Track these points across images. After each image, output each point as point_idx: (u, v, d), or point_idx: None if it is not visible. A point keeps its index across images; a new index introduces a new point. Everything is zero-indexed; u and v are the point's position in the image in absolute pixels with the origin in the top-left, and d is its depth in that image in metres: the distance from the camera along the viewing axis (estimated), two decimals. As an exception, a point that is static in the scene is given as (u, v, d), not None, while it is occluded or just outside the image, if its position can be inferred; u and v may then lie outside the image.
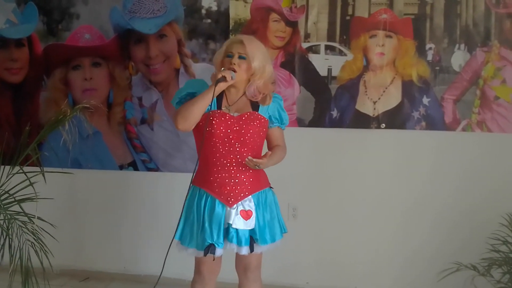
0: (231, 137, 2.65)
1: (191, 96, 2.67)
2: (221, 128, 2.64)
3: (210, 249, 2.61)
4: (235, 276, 2.90)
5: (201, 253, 2.65)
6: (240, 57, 2.65)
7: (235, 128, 2.66)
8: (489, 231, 3.17)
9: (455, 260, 3.20)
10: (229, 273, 2.92)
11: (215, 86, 2.57)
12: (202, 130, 2.66)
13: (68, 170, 3.69)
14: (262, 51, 2.71)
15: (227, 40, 2.77)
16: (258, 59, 2.66)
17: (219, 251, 2.64)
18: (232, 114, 2.68)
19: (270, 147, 2.82)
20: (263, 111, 2.75)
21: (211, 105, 2.68)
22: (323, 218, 3.82)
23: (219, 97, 2.71)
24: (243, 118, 2.68)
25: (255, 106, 2.74)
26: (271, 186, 2.84)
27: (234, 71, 2.63)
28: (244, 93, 2.74)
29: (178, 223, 2.74)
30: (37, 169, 3.15)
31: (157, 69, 3.93)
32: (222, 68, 2.64)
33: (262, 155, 2.69)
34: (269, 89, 2.74)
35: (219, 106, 2.71)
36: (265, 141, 2.84)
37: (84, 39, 4.02)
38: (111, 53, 3.98)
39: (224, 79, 2.57)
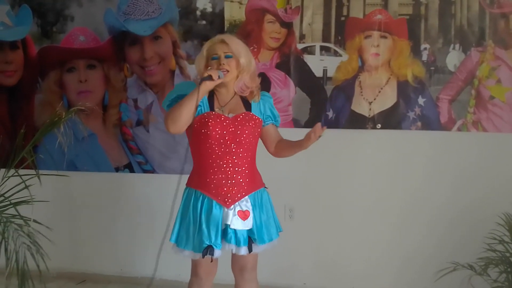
0: (227, 138, 2.64)
1: (181, 99, 2.64)
2: (217, 129, 2.63)
3: (208, 250, 2.60)
4: (232, 277, 2.90)
5: (198, 255, 2.65)
6: (227, 56, 2.64)
7: (230, 129, 2.65)
8: (486, 230, 3.17)
9: (452, 259, 3.21)
10: (225, 274, 2.92)
11: (200, 84, 2.53)
12: (196, 132, 2.66)
13: (63, 172, 3.69)
14: (244, 46, 2.71)
15: (206, 44, 2.72)
16: (244, 54, 2.66)
17: (217, 252, 2.64)
18: (227, 115, 2.68)
19: (270, 144, 2.82)
20: (256, 110, 2.74)
21: (203, 107, 2.67)
22: (320, 219, 3.82)
23: (210, 99, 2.70)
24: (238, 119, 2.68)
25: (247, 105, 2.74)
26: (266, 186, 2.84)
27: (226, 71, 2.61)
28: (235, 93, 2.73)
29: (174, 225, 2.73)
30: (33, 171, 3.13)
31: (152, 71, 3.93)
32: (209, 68, 2.62)
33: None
34: (255, 82, 2.74)
35: (211, 108, 2.69)
36: (260, 141, 2.83)
37: (78, 41, 4.01)
38: (106, 55, 3.97)
39: (210, 77, 2.54)
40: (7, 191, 3.13)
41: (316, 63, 3.75)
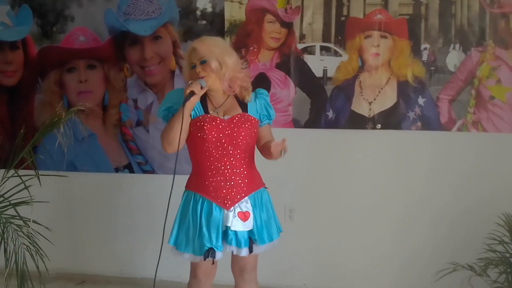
0: (223, 141, 2.63)
1: (172, 110, 2.65)
2: (213, 133, 2.62)
3: (210, 253, 2.60)
4: (231, 278, 2.90)
5: (198, 258, 2.64)
6: (202, 62, 2.60)
7: (227, 132, 2.64)
8: (486, 231, 3.17)
9: (452, 260, 3.21)
10: (225, 275, 2.92)
11: (183, 106, 2.52)
12: (193, 136, 2.65)
13: (63, 173, 3.69)
14: (217, 45, 2.66)
15: (186, 53, 2.71)
16: (214, 56, 2.59)
17: (219, 255, 2.63)
18: (222, 118, 2.66)
19: (261, 144, 2.78)
20: (252, 110, 2.72)
21: (198, 111, 2.65)
22: (320, 220, 3.82)
23: (204, 101, 2.68)
24: (234, 120, 2.66)
25: (243, 105, 2.71)
26: (266, 186, 2.83)
27: (204, 78, 2.58)
28: (228, 94, 2.70)
29: (172, 228, 2.72)
30: (32, 172, 3.14)
31: (152, 71, 3.93)
32: (190, 82, 2.59)
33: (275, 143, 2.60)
34: (240, 78, 2.67)
35: (205, 110, 2.67)
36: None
37: (78, 41, 4.01)
38: (106, 55, 3.97)
39: (192, 93, 2.53)
40: (6, 192, 3.13)
41: (316, 63, 3.74)
